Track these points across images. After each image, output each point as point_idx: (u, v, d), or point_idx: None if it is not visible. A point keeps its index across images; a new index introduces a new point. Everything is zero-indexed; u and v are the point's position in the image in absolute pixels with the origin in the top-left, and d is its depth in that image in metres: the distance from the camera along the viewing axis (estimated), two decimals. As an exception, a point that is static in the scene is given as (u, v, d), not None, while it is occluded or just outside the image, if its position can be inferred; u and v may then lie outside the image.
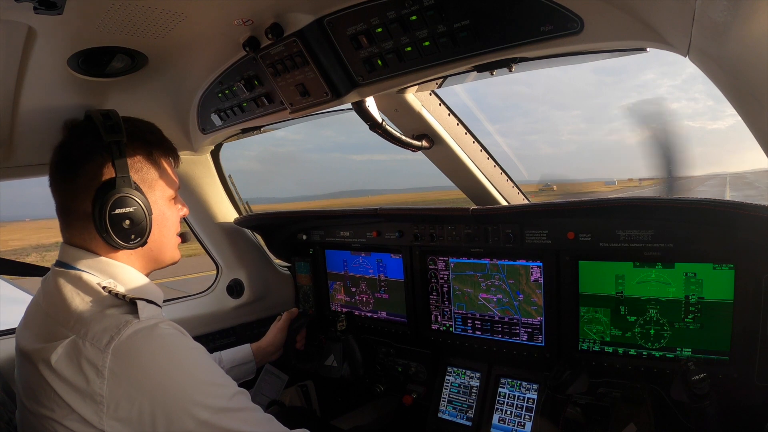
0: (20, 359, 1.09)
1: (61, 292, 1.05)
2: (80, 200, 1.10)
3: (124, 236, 1.10)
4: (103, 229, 1.08)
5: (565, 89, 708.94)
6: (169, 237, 1.25)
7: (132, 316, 0.99)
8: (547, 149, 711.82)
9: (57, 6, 0.86)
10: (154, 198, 1.18)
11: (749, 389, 1.38)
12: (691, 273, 1.49)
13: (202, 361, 1.04)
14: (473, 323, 1.98)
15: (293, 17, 1.22)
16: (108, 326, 0.96)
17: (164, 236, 1.22)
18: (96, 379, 0.92)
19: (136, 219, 1.11)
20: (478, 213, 1.81)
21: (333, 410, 2.45)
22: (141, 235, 1.13)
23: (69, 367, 0.93)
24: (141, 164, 1.17)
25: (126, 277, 1.14)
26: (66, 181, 1.11)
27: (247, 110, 1.63)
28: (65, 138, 1.15)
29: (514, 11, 0.99)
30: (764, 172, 14.96)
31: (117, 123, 1.12)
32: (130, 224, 1.10)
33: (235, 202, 2.48)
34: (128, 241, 1.12)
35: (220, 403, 0.99)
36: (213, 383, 1.02)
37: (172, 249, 1.26)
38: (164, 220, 1.22)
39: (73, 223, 1.13)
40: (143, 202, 1.13)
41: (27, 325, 1.13)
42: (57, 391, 0.93)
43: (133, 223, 1.11)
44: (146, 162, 1.18)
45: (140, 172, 1.16)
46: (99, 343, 0.94)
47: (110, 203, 1.07)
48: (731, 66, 0.70)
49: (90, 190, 1.09)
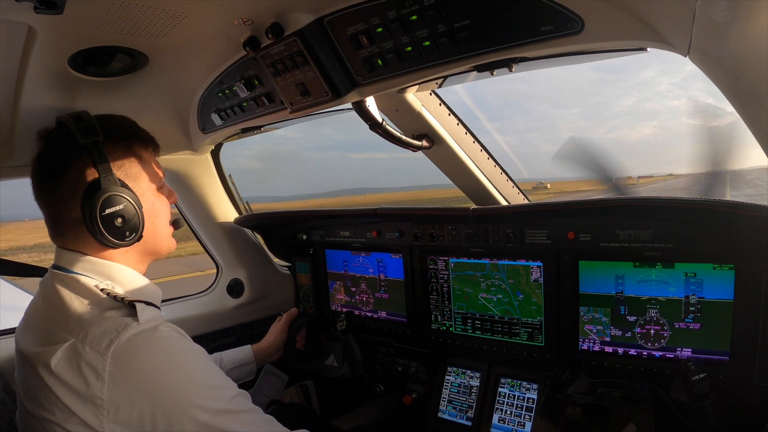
0: (20, 361, 1.08)
1: (60, 295, 1.04)
2: (69, 208, 1.08)
3: (119, 235, 1.09)
4: (97, 231, 1.07)
5: (565, 87, 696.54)
6: (163, 227, 1.24)
7: (131, 318, 0.99)
8: (546, 147, 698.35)
9: (57, 6, 0.86)
10: (142, 191, 1.17)
11: (749, 389, 1.38)
12: (691, 273, 1.49)
13: (202, 363, 1.04)
14: (473, 323, 1.98)
15: (293, 17, 1.22)
16: (107, 329, 0.96)
17: (157, 227, 1.22)
18: (96, 382, 0.92)
19: (127, 216, 1.10)
20: (478, 213, 1.81)
21: (333, 410, 2.45)
22: (135, 231, 1.12)
23: (69, 371, 0.93)
24: (122, 160, 1.14)
25: (124, 278, 1.13)
26: (50, 191, 1.10)
27: (247, 110, 1.63)
28: (41, 148, 1.12)
29: (514, 11, 0.99)
30: (763, 169, 14.93)
31: (90, 123, 1.10)
32: (122, 222, 1.09)
33: (235, 201, 2.48)
34: (124, 239, 1.11)
35: (220, 405, 0.99)
36: (213, 385, 1.02)
37: (166, 238, 1.26)
38: (155, 211, 1.20)
39: (66, 231, 1.11)
40: (131, 197, 1.12)
41: (26, 327, 1.13)
42: (57, 394, 0.93)
43: (126, 220, 1.10)
44: (127, 157, 1.16)
45: (123, 168, 1.14)
46: (98, 347, 0.94)
47: (99, 204, 1.06)
48: (731, 66, 0.70)
49: (76, 196, 1.07)
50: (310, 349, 2.40)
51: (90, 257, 1.11)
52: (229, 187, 2.46)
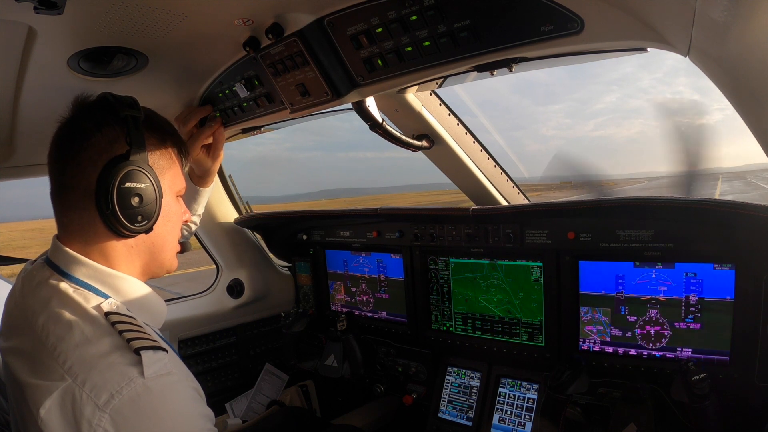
0: (7, 373, 0.99)
1: (60, 317, 0.93)
2: (84, 175, 0.98)
3: (130, 216, 0.99)
4: (108, 205, 0.96)
5: (546, 84, 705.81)
6: (173, 235, 1.15)
7: (136, 371, 0.89)
8: (533, 145, 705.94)
9: (57, 6, 0.86)
10: (164, 186, 1.08)
11: (749, 389, 1.38)
12: (692, 273, 1.49)
13: (196, 419, 0.96)
14: (473, 323, 1.98)
15: (293, 17, 1.22)
16: (108, 380, 0.87)
17: (168, 232, 1.12)
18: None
19: (146, 198, 1.00)
20: (478, 213, 1.81)
21: (333, 410, 2.45)
22: (148, 218, 1.02)
23: (59, 421, 0.86)
24: (154, 147, 1.07)
25: (129, 290, 1.05)
26: (70, 154, 0.99)
27: (247, 110, 1.63)
28: (75, 111, 1.04)
29: (514, 11, 0.99)
30: (760, 167, 14.75)
31: (134, 102, 1.03)
32: (139, 202, 0.99)
33: (235, 202, 2.48)
34: (134, 223, 1.00)
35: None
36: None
37: (171, 251, 1.16)
38: (170, 214, 1.12)
39: (72, 204, 1.00)
40: (156, 181, 1.02)
41: (11, 330, 1.02)
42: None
43: (142, 202, 1.00)
44: (159, 149, 1.09)
45: (153, 155, 1.06)
46: (97, 399, 0.85)
47: (121, 175, 0.96)
48: (731, 66, 0.70)
49: (97, 164, 0.97)
50: (310, 350, 2.40)
51: (92, 263, 1.01)
52: (229, 187, 2.47)
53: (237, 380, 2.49)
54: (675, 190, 2.41)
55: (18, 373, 0.95)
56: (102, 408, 0.85)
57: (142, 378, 0.87)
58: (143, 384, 0.87)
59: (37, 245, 18.68)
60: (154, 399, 0.88)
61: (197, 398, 0.98)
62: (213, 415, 1.00)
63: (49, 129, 1.05)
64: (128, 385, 0.87)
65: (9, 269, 4.99)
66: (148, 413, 0.88)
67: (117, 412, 0.85)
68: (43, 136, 1.15)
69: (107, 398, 0.85)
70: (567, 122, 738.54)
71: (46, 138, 1.06)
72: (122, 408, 0.85)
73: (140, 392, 0.87)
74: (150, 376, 0.88)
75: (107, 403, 0.85)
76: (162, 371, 0.90)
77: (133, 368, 0.88)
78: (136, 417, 0.86)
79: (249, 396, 2.37)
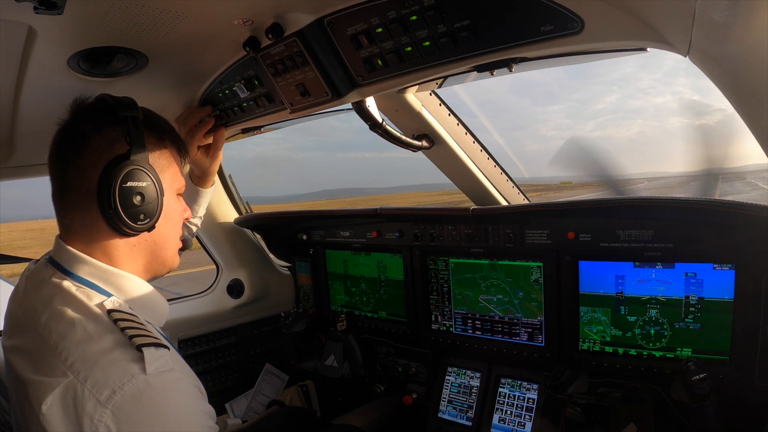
0: (10, 370, 1.00)
1: (62, 314, 0.94)
2: (86, 176, 0.99)
3: (133, 215, 1.00)
4: (111, 204, 0.97)
5: (546, 84, 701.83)
6: (174, 233, 1.16)
7: (138, 367, 0.89)
8: (533, 145, 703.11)
9: (57, 6, 0.86)
10: (165, 184, 1.09)
11: (749, 389, 1.38)
12: (692, 273, 1.49)
13: (197, 418, 0.96)
14: (473, 323, 1.98)
15: (293, 17, 1.22)
16: (110, 376, 0.87)
17: (169, 230, 1.13)
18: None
19: (148, 196, 1.02)
20: (478, 213, 1.81)
21: (333, 410, 2.45)
22: (150, 216, 1.03)
23: (60, 417, 0.86)
24: (154, 146, 1.09)
25: (131, 289, 1.06)
26: (71, 157, 1.00)
27: (247, 110, 1.63)
28: (74, 113, 1.05)
29: (514, 11, 0.99)
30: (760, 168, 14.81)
31: (132, 102, 1.05)
32: (141, 201, 1.00)
33: (235, 202, 2.48)
34: (136, 221, 1.01)
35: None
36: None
37: (173, 249, 1.18)
38: (171, 212, 1.13)
39: (74, 204, 1.01)
40: (156, 180, 1.04)
41: (16, 330, 1.03)
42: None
43: (145, 200, 1.01)
44: (158, 148, 1.10)
45: (153, 154, 1.07)
46: (98, 395, 0.86)
47: (122, 174, 0.98)
48: (731, 66, 0.70)
49: (98, 165, 0.99)
50: (310, 350, 2.40)
51: (95, 262, 1.02)
52: (229, 187, 2.47)
53: (237, 380, 2.49)
54: (675, 191, 2.41)
55: (20, 370, 0.95)
56: (103, 404, 0.85)
57: (144, 374, 0.88)
58: (145, 380, 0.87)
59: (38, 245, 18.69)
60: (155, 395, 0.88)
61: (199, 395, 0.98)
62: (214, 413, 1.00)
63: (49, 129, 1.05)
64: (130, 382, 0.87)
65: (9, 269, 5.01)
66: (150, 409, 0.88)
67: (118, 408, 0.85)
68: (43, 136, 1.15)
69: (109, 394, 0.85)
70: (567, 122, 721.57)
71: (46, 138, 1.06)
72: (124, 404, 0.85)
73: (142, 388, 0.87)
74: (152, 373, 0.88)
75: (109, 399, 0.85)
76: (164, 368, 0.91)
77: (135, 365, 0.89)
78: (138, 413, 0.86)
79: (249, 396, 2.38)
